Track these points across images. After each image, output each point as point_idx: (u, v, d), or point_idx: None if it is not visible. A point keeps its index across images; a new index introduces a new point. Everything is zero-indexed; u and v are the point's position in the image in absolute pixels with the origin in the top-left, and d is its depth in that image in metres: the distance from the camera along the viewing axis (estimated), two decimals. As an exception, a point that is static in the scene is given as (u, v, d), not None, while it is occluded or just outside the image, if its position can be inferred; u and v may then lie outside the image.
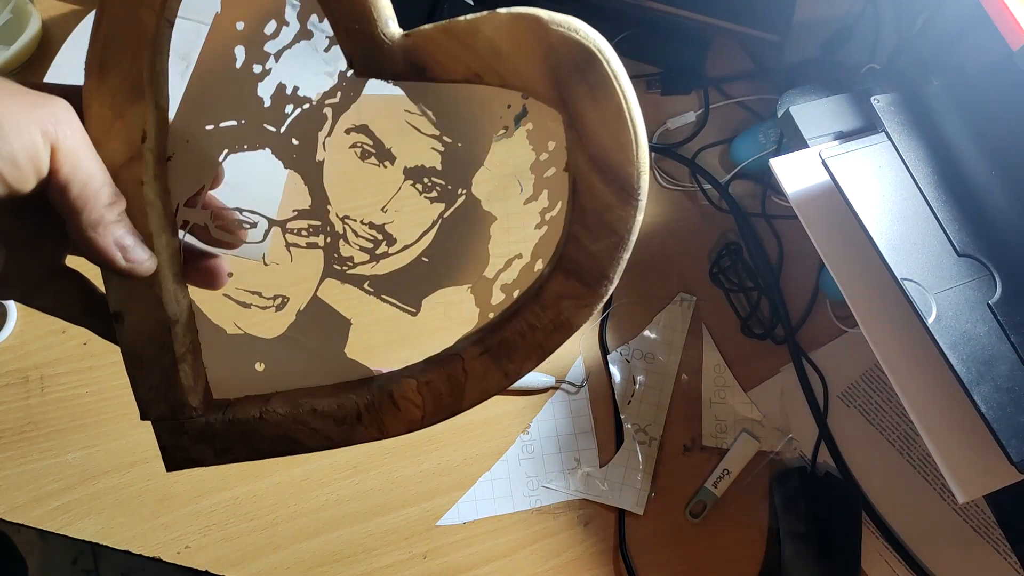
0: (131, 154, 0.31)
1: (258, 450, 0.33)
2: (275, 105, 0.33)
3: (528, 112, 0.32)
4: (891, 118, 0.52)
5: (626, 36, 0.70)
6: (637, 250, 0.72)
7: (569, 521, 0.58)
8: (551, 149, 0.32)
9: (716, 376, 0.62)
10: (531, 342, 0.32)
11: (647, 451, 0.60)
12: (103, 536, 0.55)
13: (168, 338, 0.32)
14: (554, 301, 0.32)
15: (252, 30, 0.32)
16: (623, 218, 0.32)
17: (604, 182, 0.31)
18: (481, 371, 0.32)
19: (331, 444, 0.33)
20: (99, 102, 0.30)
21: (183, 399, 0.33)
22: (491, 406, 0.61)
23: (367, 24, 0.30)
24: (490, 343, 0.32)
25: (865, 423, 0.61)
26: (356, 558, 0.56)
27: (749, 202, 0.68)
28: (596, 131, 0.30)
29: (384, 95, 0.32)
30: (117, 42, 0.30)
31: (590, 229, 0.31)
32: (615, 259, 0.32)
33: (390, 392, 0.33)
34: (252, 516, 0.57)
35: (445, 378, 0.33)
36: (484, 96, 0.32)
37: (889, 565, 0.58)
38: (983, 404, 0.45)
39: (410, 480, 0.58)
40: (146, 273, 0.31)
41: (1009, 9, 0.49)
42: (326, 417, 0.33)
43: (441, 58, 0.30)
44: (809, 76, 0.68)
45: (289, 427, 0.33)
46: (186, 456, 0.33)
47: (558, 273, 0.32)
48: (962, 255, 0.49)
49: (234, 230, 0.34)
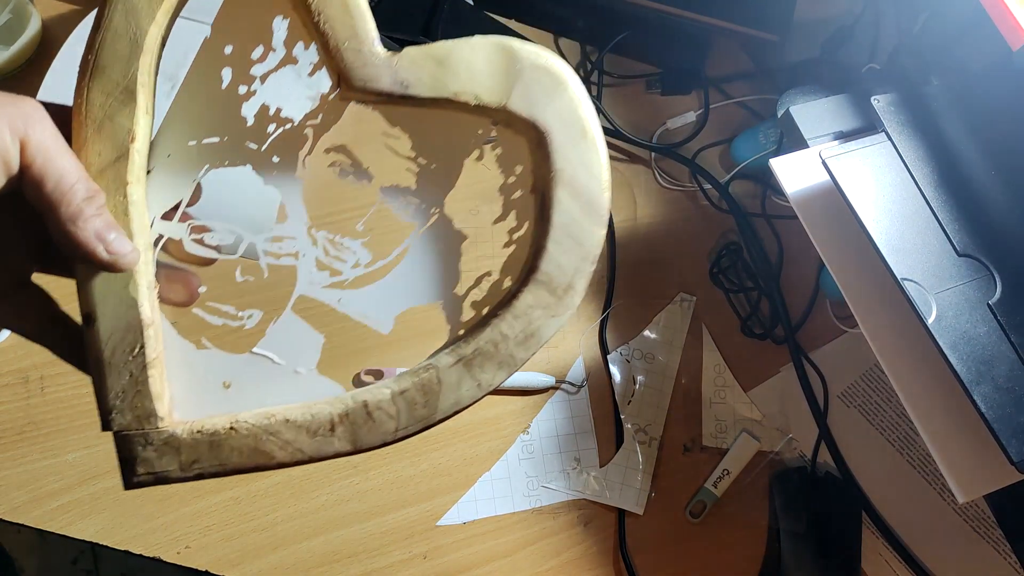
0: (119, 153, 0.32)
1: (226, 463, 0.33)
2: (258, 124, 0.34)
3: (498, 137, 0.35)
4: (891, 118, 0.52)
5: (626, 36, 0.70)
6: (637, 250, 0.72)
7: (569, 521, 0.58)
8: (518, 173, 0.34)
9: (716, 376, 0.62)
10: (503, 352, 0.34)
11: (647, 451, 0.60)
12: (103, 536, 0.55)
13: (140, 341, 0.32)
14: (525, 311, 0.34)
15: (240, 54, 0.34)
16: (589, 232, 0.34)
17: (571, 197, 0.33)
18: (455, 381, 0.34)
19: (303, 457, 0.33)
20: (91, 102, 0.31)
21: (151, 407, 0.32)
22: (491, 406, 0.61)
23: (358, 42, 0.33)
24: (463, 353, 0.34)
25: (865, 423, 0.61)
26: (356, 558, 0.56)
27: (749, 202, 0.68)
28: (563, 151, 0.33)
29: (364, 117, 0.34)
30: (115, 46, 0.32)
31: (559, 242, 0.33)
32: (581, 271, 0.34)
33: (365, 402, 0.33)
34: (252, 516, 0.57)
35: (420, 388, 0.33)
36: (458, 121, 0.34)
37: (889, 565, 0.58)
38: (983, 404, 0.45)
39: (410, 480, 0.58)
40: (129, 266, 0.31)
41: (1009, 9, 0.49)
42: (299, 428, 0.33)
43: (423, 76, 0.33)
44: (809, 76, 0.68)
45: (259, 438, 0.33)
46: (148, 470, 0.32)
47: (528, 284, 0.34)
48: (962, 255, 0.49)
49: (210, 245, 0.34)
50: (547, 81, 0.33)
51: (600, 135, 0.33)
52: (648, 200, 0.68)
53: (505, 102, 0.33)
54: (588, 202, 0.33)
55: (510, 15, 0.73)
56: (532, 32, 0.73)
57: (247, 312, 0.35)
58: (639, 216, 0.67)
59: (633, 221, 0.67)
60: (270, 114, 0.34)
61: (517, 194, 0.35)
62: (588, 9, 0.71)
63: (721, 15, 0.68)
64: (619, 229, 0.66)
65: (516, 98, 0.33)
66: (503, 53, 0.33)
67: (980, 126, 0.53)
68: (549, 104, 0.33)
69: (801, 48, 0.70)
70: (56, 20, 0.71)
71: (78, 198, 0.29)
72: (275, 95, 0.35)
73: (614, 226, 0.66)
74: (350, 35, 0.33)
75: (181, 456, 0.32)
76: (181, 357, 0.34)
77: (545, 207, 0.33)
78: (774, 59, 0.71)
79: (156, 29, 0.32)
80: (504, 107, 0.33)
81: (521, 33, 0.71)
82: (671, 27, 0.70)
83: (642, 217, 0.67)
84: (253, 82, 0.34)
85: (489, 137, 0.35)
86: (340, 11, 0.32)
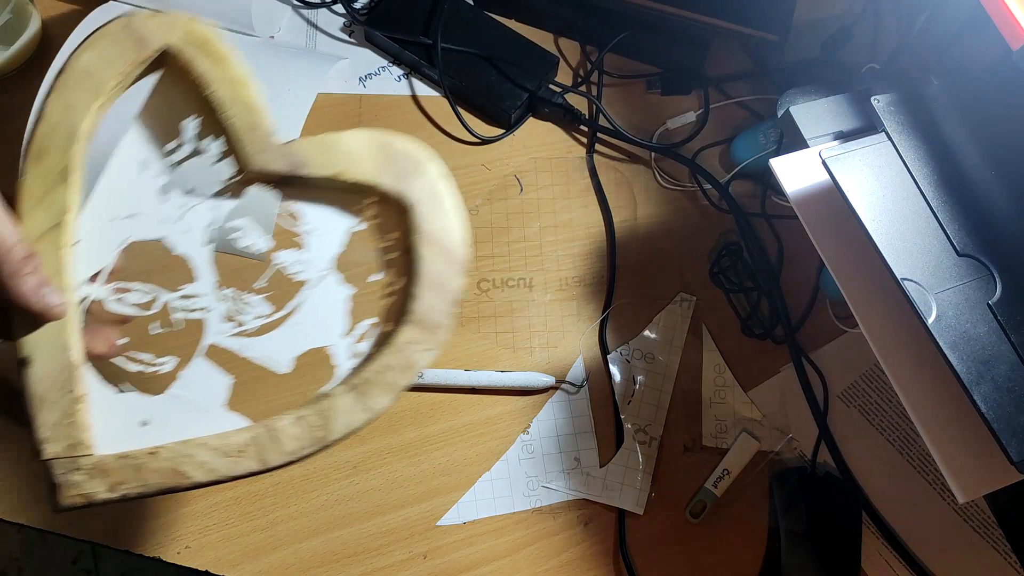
0: (54, 222, 0.38)
1: (148, 484, 0.38)
2: (170, 203, 0.42)
3: (376, 208, 0.42)
4: (891, 118, 0.52)
5: (626, 36, 0.70)
6: (637, 250, 0.72)
7: (569, 521, 0.58)
8: (394, 237, 0.42)
9: (716, 376, 0.62)
10: (387, 380, 0.40)
11: (647, 451, 0.60)
12: (103, 536, 0.55)
13: (71, 380, 0.37)
14: (403, 347, 0.40)
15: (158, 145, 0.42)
16: (452, 280, 0.41)
17: (435, 253, 0.41)
18: (348, 405, 0.39)
19: (216, 476, 0.38)
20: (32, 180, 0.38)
21: (79, 437, 0.37)
22: (491, 406, 0.61)
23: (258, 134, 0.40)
24: (354, 382, 0.40)
25: (865, 423, 0.61)
26: (356, 558, 0.56)
27: (749, 202, 0.68)
28: (428, 216, 0.41)
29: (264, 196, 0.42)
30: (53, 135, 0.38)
31: (427, 289, 0.41)
32: (446, 311, 0.41)
33: (270, 427, 0.39)
34: (252, 516, 0.57)
35: (317, 413, 0.39)
36: (343, 197, 0.42)
37: (889, 565, 0.58)
38: (983, 404, 0.45)
39: (410, 480, 0.58)
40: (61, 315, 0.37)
41: (1009, 9, 0.49)
42: (212, 450, 0.38)
43: (313, 159, 0.41)
44: (809, 76, 0.68)
45: (177, 461, 0.38)
46: (78, 492, 0.37)
47: (405, 325, 0.40)
48: (962, 255, 0.49)
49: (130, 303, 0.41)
50: (411, 163, 0.41)
51: (456, 202, 0.41)
52: (648, 200, 0.68)
53: (378, 181, 0.41)
54: (449, 256, 0.41)
55: (510, 15, 0.73)
56: (532, 32, 0.73)
57: (163, 359, 0.41)
58: (639, 216, 0.67)
59: (633, 221, 0.67)
60: (182, 195, 0.42)
61: (394, 254, 0.42)
62: (588, 9, 0.71)
63: (721, 15, 0.68)
64: (619, 229, 0.66)
65: (387, 177, 0.41)
66: (377, 142, 0.41)
67: (980, 126, 0.53)
68: (414, 181, 0.41)
69: (801, 48, 0.70)
70: (56, 20, 0.71)
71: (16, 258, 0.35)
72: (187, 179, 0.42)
73: (614, 226, 0.66)
74: (250, 129, 0.40)
75: (108, 479, 0.37)
76: (103, 400, 0.39)
77: (415, 262, 0.41)
78: (774, 59, 0.71)
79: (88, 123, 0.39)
80: (377, 185, 0.41)
81: (521, 33, 0.71)
82: (671, 27, 0.70)
83: (642, 217, 0.67)
84: (167, 169, 0.42)
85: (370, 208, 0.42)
86: (242, 110, 0.40)
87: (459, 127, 0.69)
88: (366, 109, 0.70)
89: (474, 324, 0.63)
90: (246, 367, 0.41)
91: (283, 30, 0.72)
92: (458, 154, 0.69)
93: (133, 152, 0.41)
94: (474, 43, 0.70)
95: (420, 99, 0.70)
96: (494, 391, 0.61)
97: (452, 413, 0.60)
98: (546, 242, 0.66)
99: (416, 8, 0.71)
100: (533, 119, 0.70)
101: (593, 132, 0.70)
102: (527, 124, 0.70)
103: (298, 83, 0.64)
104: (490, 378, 0.60)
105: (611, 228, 0.66)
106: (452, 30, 0.70)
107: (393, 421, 0.60)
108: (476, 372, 0.61)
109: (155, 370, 0.41)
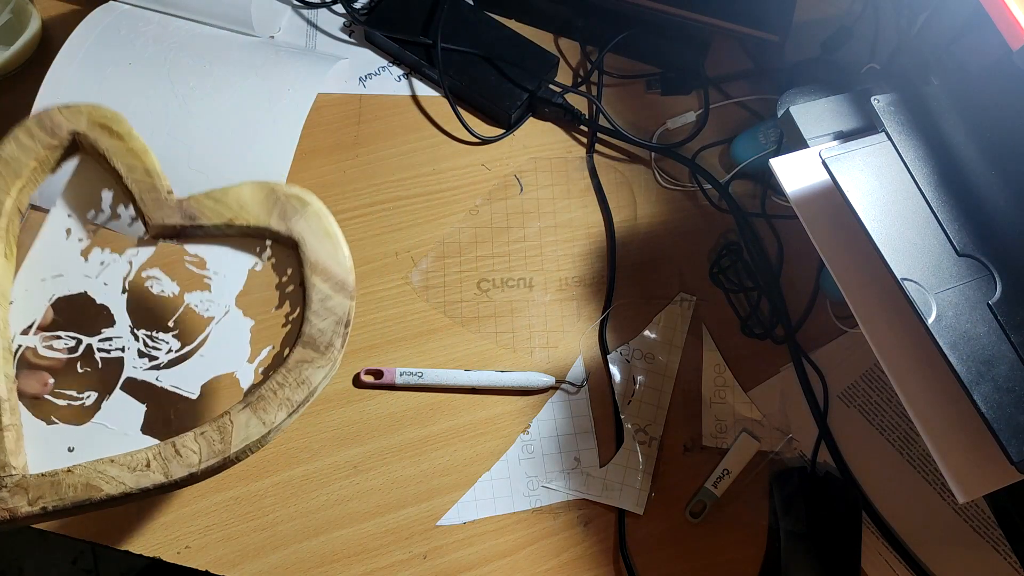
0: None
1: (64, 498, 0.42)
2: (91, 261, 0.48)
3: (270, 249, 0.48)
4: (891, 118, 0.52)
5: (626, 36, 0.70)
6: (637, 250, 0.72)
7: (569, 521, 0.58)
8: (289, 273, 0.47)
9: (716, 376, 0.62)
10: (281, 397, 0.44)
11: (647, 451, 0.60)
12: (103, 536, 0.55)
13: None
14: (296, 365, 0.44)
15: (79, 216, 0.49)
16: (341, 303, 0.45)
17: (323, 281, 0.45)
18: (244, 420, 0.43)
19: (126, 489, 0.42)
20: None
21: (4, 459, 0.42)
22: (491, 406, 0.61)
23: (156, 193, 0.47)
24: (250, 399, 0.44)
25: (865, 423, 0.61)
26: (356, 558, 0.56)
27: (749, 202, 0.68)
28: (315, 249, 0.46)
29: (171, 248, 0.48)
30: None
31: (317, 313, 0.45)
32: (337, 332, 0.45)
33: (174, 443, 0.43)
34: (252, 516, 0.57)
35: (216, 428, 0.43)
36: (241, 243, 0.48)
37: (889, 565, 0.58)
38: (983, 404, 0.45)
39: (410, 480, 0.58)
40: None
41: (1009, 9, 0.49)
42: (121, 466, 0.42)
43: (205, 210, 0.47)
44: (809, 76, 0.68)
45: (90, 476, 0.42)
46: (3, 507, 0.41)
47: (297, 345, 0.45)
48: (962, 255, 0.49)
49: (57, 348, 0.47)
50: (296, 203, 0.47)
51: (339, 234, 0.46)
52: (648, 200, 0.68)
53: (267, 223, 0.46)
54: (336, 282, 0.45)
55: (510, 15, 0.73)
56: (532, 32, 0.73)
57: (86, 393, 0.46)
58: (639, 216, 0.67)
59: (633, 221, 0.67)
60: (101, 253, 0.48)
61: (290, 288, 0.47)
62: (588, 9, 0.71)
63: (721, 15, 0.68)
64: (619, 229, 0.66)
65: (275, 219, 0.46)
66: (263, 188, 0.47)
67: (980, 126, 0.53)
68: (299, 220, 0.46)
69: (801, 48, 0.70)
70: (56, 20, 0.71)
71: None
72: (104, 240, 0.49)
73: (614, 226, 0.66)
74: (148, 189, 0.47)
75: (28, 494, 0.42)
76: (35, 433, 0.44)
77: (306, 289, 0.45)
78: (774, 59, 0.71)
79: (11, 201, 0.46)
80: (268, 227, 0.46)
81: (521, 33, 0.71)
82: (671, 27, 0.70)
83: (642, 217, 0.67)
84: (88, 233, 0.49)
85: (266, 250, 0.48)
86: (142, 175, 0.47)
87: (459, 127, 0.69)
88: (366, 109, 0.70)
89: (474, 324, 0.63)
90: (161, 395, 0.46)
91: (283, 30, 0.72)
92: (458, 154, 0.69)
93: (59, 223, 0.49)
94: (474, 43, 0.70)
95: (420, 99, 0.70)
96: (494, 391, 0.61)
97: (452, 413, 0.60)
98: (546, 242, 0.66)
99: (416, 8, 0.71)
100: (533, 119, 0.70)
101: (593, 132, 0.70)
102: (527, 124, 0.70)
103: (298, 83, 0.64)
104: (490, 378, 0.60)
105: (611, 228, 0.66)
106: (452, 30, 0.70)
107: (393, 421, 0.60)
108: (476, 372, 0.61)
109: (80, 403, 0.46)
